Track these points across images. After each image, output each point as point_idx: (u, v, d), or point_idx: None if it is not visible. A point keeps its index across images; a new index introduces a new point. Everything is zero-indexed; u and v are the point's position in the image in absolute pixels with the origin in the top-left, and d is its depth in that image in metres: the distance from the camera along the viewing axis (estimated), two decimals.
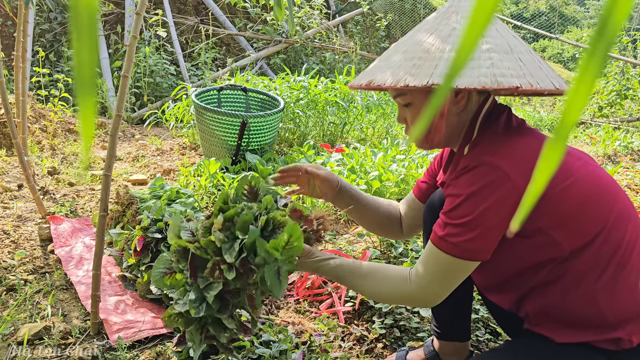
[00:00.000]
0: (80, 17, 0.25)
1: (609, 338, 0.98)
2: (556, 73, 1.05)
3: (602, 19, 0.24)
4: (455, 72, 0.25)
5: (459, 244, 1.01)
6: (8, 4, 2.39)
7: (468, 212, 0.99)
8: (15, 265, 1.99)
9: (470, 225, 0.99)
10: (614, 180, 1.08)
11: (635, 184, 3.76)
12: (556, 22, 15.36)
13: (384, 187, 2.99)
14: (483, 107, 1.10)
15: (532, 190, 0.27)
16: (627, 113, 7.45)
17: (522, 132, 1.06)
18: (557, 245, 1.00)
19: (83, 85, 0.26)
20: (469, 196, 0.99)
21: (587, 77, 0.24)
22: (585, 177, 1.01)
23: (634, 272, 1.00)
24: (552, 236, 0.99)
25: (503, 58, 0.98)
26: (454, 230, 1.02)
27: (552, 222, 0.98)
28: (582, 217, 0.99)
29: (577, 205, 0.99)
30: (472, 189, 0.99)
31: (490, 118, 1.09)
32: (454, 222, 1.02)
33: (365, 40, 9.40)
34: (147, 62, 5.58)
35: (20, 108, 2.56)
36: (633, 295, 0.99)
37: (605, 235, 0.99)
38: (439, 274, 1.06)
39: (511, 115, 1.10)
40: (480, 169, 0.99)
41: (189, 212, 2.08)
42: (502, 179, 0.96)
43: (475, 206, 0.98)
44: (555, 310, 1.04)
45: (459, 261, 1.03)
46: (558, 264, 1.01)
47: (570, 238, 0.99)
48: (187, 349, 1.46)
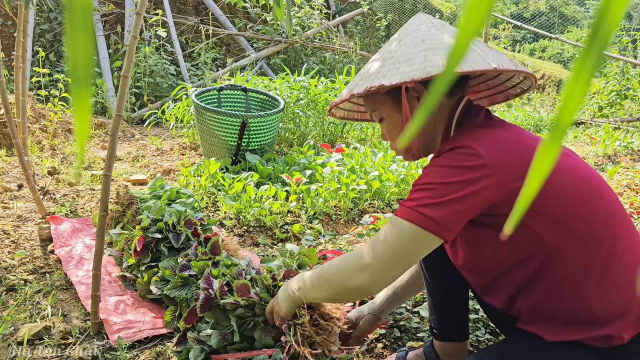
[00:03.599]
0: (74, 12, 0.25)
1: (600, 335, 0.98)
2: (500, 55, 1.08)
3: (596, 20, 0.24)
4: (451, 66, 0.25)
5: (414, 207, 0.99)
6: (8, 4, 2.39)
7: (433, 180, 0.99)
8: (15, 265, 1.99)
9: (430, 192, 0.98)
10: (600, 178, 1.07)
11: (635, 184, 3.76)
12: (556, 22, 15.36)
13: (384, 187, 2.99)
14: (457, 108, 1.11)
15: (527, 191, 0.27)
16: (627, 113, 7.45)
17: (502, 125, 1.07)
18: (538, 238, 0.98)
19: (78, 81, 0.26)
20: (439, 168, 1.00)
21: (582, 78, 0.24)
22: (567, 170, 1.01)
23: (620, 267, 0.99)
24: (532, 227, 0.98)
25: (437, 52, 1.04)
26: (415, 194, 1.00)
27: (530, 212, 0.97)
28: (564, 210, 0.98)
29: (558, 197, 0.97)
30: (445, 163, 1.00)
31: (466, 117, 1.10)
32: (417, 187, 1.01)
33: (365, 40, 9.41)
34: (147, 62, 5.58)
35: (20, 108, 2.56)
36: (621, 290, 0.98)
37: (592, 229, 0.98)
38: (389, 242, 1.01)
39: (490, 113, 1.12)
40: (456, 150, 1.00)
41: (188, 212, 2.08)
42: (477, 162, 0.96)
43: (442, 177, 0.98)
44: (545, 308, 1.03)
45: (412, 227, 0.98)
46: (543, 259, 1.00)
47: (550, 230, 0.97)
48: (187, 349, 1.46)
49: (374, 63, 1.13)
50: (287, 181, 2.92)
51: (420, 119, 0.26)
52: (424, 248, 1.01)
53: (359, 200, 2.94)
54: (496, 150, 0.97)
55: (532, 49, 16.04)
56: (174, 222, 1.96)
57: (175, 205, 2.25)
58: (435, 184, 0.98)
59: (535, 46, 16.16)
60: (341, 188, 2.78)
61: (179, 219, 1.99)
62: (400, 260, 1.02)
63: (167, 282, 1.73)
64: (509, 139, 1.00)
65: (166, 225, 1.94)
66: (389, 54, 1.11)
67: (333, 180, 2.88)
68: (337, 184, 2.80)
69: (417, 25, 1.14)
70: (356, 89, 1.09)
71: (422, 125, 1.09)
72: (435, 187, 0.97)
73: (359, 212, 2.87)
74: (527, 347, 1.04)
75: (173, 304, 1.72)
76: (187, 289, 1.68)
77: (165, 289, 1.68)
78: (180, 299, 1.68)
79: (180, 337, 1.52)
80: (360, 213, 2.87)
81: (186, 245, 1.91)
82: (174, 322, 1.66)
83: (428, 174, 1.01)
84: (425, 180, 1.00)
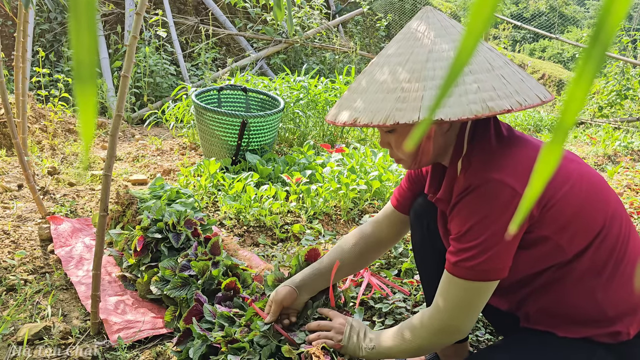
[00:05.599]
0: (79, 11, 0.25)
1: (608, 332, 1.00)
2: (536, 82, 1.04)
3: (598, 21, 0.24)
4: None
5: (474, 267, 1.00)
6: (8, 4, 2.39)
7: (480, 234, 0.98)
8: (15, 265, 1.99)
9: (483, 246, 0.98)
10: (602, 179, 1.09)
11: (635, 184, 3.76)
12: (556, 22, 15.35)
13: (384, 187, 2.99)
14: (467, 121, 1.08)
15: (530, 193, 0.27)
16: (627, 113, 7.45)
17: (515, 141, 1.05)
18: (560, 250, 1.00)
19: (83, 81, 0.26)
20: (479, 218, 0.98)
21: (584, 80, 0.24)
22: (580, 179, 1.02)
23: (629, 266, 1.02)
24: (556, 241, 0.99)
25: (486, 78, 0.95)
26: (468, 254, 1.00)
27: (556, 227, 0.98)
28: (583, 219, 1.00)
29: (578, 208, 0.99)
30: (482, 210, 0.97)
31: (476, 130, 1.07)
32: (466, 245, 1.00)
33: (365, 40, 9.40)
34: (147, 62, 5.58)
35: (20, 108, 2.56)
36: (630, 288, 1.01)
37: (604, 233, 1.00)
38: (460, 301, 1.04)
39: (498, 123, 1.09)
40: (486, 187, 0.97)
41: (189, 212, 2.08)
42: (511, 195, 0.95)
43: (487, 227, 0.97)
44: (555, 309, 1.05)
45: (478, 284, 1.01)
46: (560, 267, 1.02)
47: (573, 241, 1.00)
48: (187, 349, 1.46)
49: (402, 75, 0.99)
50: (287, 181, 2.92)
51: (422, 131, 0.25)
52: (492, 290, 1.05)
53: (359, 200, 2.94)
54: (523, 176, 0.97)
55: (532, 49, 16.04)
56: (174, 222, 1.96)
57: (175, 205, 2.25)
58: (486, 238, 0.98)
59: (535, 46, 16.15)
60: (341, 188, 2.78)
61: (179, 219, 1.99)
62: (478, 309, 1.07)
63: (167, 282, 1.73)
64: (528, 157, 1.00)
65: (166, 225, 1.94)
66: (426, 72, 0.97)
67: (333, 180, 2.88)
68: (337, 184, 2.80)
69: (439, 30, 1.02)
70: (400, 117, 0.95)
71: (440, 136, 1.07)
72: (486, 241, 0.98)
73: (359, 212, 2.87)
74: (535, 343, 1.05)
75: (173, 304, 1.72)
76: (187, 289, 1.68)
77: (165, 289, 1.68)
78: (180, 299, 1.67)
79: (180, 337, 1.52)
80: (360, 213, 2.87)
81: (186, 245, 1.91)
82: (174, 322, 1.66)
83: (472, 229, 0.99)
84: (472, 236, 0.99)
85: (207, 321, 1.51)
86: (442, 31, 1.02)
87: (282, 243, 2.44)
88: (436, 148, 1.10)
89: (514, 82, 0.97)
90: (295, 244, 2.40)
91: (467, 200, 1.00)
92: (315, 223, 2.60)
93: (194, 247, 1.81)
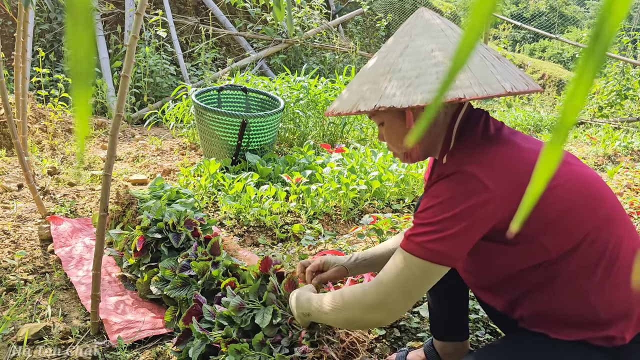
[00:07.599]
0: (75, 11, 0.25)
1: (603, 336, 0.99)
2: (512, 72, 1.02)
3: (598, 21, 0.24)
4: (446, 86, 0.25)
5: (423, 243, 1.00)
6: (8, 4, 2.39)
7: (437, 214, 0.98)
8: (15, 265, 1.99)
9: (438, 226, 0.98)
10: (601, 180, 1.08)
11: (635, 184, 3.76)
12: (556, 22, 15.36)
13: (384, 187, 2.99)
14: (458, 115, 1.09)
15: (532, 192, 0.27)
16: (627, 113, 7.45)
17: (500, 140, 1.05)
18: (544, 250, 1.00)
19: (78, 78, 0.26)
20: (442, 200, 0.99)
21: (584, 79, 0.24)
22: (569, 181, 1.01)
23: (622, 269, 1.00)
24: (539, 241, 0.99)
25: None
26: (420, 229, 1.01)
27: (538, 227, 0.98)
28: (567, 221, 0.99)
29: (562, 209, 0.98)
30: (446, 193, 0.99)
31: (467, 125, 1.08)
32: (423, 222, 1.01)
33: (365, 40, 9.41)
34: (147, 62, 5.58)
35: (20, 108, 2.56)
36: (623, 292, 1.00)
37: (593, 236, 0.99)
38: (400, 278, 1.03)
39: (489, 121, 1.09)
40: (458, 176, 0.99)
41: (189, 212, 2.08)
42: (478, 188, 0.96)
43: (446, 209, 0.97)
44: (548, 312, 1.04)
45: (424, 263, 1.00)
46: (548, 266, 1.02)
47: (556, 242, 0.99)
48: (187, 349, 1.46)
49: (379, 69, 1.06)
50: (287, 181, 2.92)
51: (422, 128, 0.26)
52: (435, 278, 1.04)
53: (359, 200, 2.94)
54: (501, 177, 0.96)
55: (532, 49, 16.04)
56: (174, 222, 1.96)
57: (175, 205, 2.25)
58: (441, 219, 0.98)
59: (535, 46, 16.15)
60: (341, 188, 2.78)
61: (179, 219, 1.99)
62: (414, 293, 1.05)
63: (167, 283, 1.73)
64: (512, 159, 0.99)
65: (166, 225, 1.94)
66: (396, 65, 1.03)
67: (333, 180, 2.88)
68: (337, 184, 2.80)
69: (422, 28, 1.07)
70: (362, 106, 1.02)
71: (424, 132, 1.09)
72: (441, 221, 0.98)
73: (359, 212, 2.88)
74: (533, 343, 1.05)
75: (173, 304, 1.72)
76: (187, 289, 1.68)
77: (165, 289, 1.68)
78: (180, 299, 1.68)
79: (180, 337, 1.52)
80: (360, 213, 2.87)
81: (186, 246, 1.91)
82: (174, 322, 1.66)
83: (433, 207, 1.00)
84: (430, 214, 1.00)
85: (207, 321, 1.51)
86: (425, 29, 1.06)
87: (282, 243, 2.44)
88: (423, 141, 1.13)
89: (478, 73, 0.97)
90: (295, 244, 2.40)
91: (437, 184, 1.02)
92: (315, 223, 2.60)
93: (194, 247, 1.81)
